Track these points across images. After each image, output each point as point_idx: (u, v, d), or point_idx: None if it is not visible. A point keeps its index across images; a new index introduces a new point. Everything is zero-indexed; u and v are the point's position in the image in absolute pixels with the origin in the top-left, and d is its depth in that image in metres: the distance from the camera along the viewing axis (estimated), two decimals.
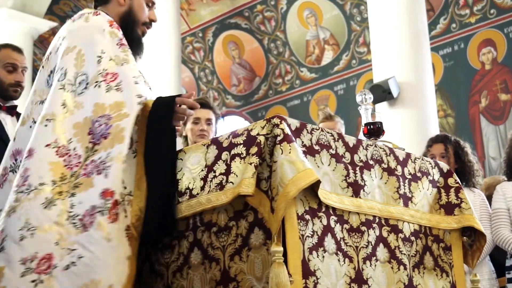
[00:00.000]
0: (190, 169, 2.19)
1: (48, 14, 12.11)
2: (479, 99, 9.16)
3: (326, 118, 4.25)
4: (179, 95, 2.40)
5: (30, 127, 2.45)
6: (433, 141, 3.86)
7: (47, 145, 2.30)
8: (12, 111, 3.18)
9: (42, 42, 13.13)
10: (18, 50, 3.19)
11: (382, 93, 6.48)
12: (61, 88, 2.39)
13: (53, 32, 12.91)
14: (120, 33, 2.51)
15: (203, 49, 12.26)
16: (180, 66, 9.52)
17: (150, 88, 2.53)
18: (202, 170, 2.15)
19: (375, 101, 6.75)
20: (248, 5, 11.46)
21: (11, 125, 3.14)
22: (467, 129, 9.07)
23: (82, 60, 2.44)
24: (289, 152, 1.94)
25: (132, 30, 2.59)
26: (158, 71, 8.85)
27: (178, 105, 2.35)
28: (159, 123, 2.29)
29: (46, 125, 2.34)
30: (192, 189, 2.16)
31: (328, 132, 2.15)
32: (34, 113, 2.49)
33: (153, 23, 2.67)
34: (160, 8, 9.12)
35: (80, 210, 2.15)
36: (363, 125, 2.54)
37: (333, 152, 2.14)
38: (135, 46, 2.60)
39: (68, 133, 2.31)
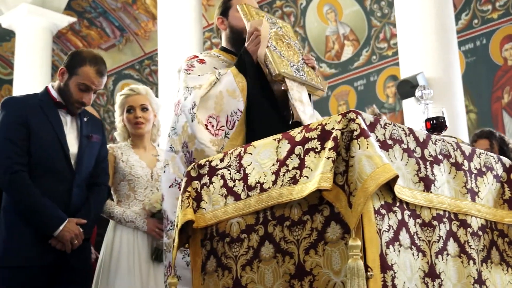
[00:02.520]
0: (260, 164, 2.20)
1: (67, 9, 12.14)
2: (502, 95, 9.14)
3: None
4: None
5: None
6: (478, 136, 3.86)
7: (170, 186, 2.74)
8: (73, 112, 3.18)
9: (59, 37, 13.19)
10: (100, 73, 3.07)
11: (410, 88, 6.47)
12: (168, 137, 2.82)
13: (70, 27, 12.98)
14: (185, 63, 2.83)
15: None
16: None
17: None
18: (274, 165, 2.15)
19: (402, 97, 6.76)
20: (267, 1, 11.47)
21: (70, 125, 3.13)
22: (490, 125, 9.04)
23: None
24: (367, 147, 1.94)
25: (240, 40, 2.82)
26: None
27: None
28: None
29: (164, 171, 2.80)
30: (263, 183, 2.17)
31: (400, 127, 2.15)
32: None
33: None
34: (182, 4, 9.15)
35: None
36: (425, 120, 2.54)
37: (405, 146, 2.14)
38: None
39: (181, 168, 2.68)
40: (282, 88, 2.69)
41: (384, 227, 1.98)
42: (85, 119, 3.18)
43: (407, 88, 6.45)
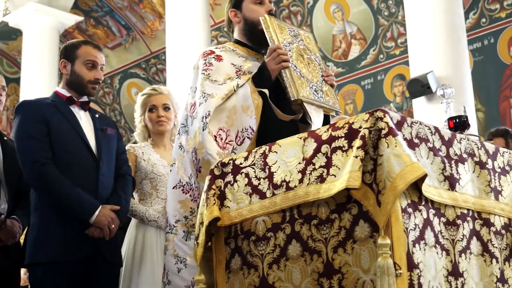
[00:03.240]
0: (286, 162, 2.21)
1: (73, 8, 12.16)
2: (510, 94, 9.14)
3: None
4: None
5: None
6: (494, 135, 3.86)
7: (173, 187, 2.75)
8: (86, 106, 3.21)
9: (66, 36, 13.19)
10: (98, 47, 3.21)
11: (420, 87, 6.48)
12: (178, 133, 2.85)
13: (77, 26, 13.00)
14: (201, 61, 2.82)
15: None
16: None
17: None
18: (300, 163, 2.16)
19: (412, 96, 6.76)
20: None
21: (85, 120, 3.17)
22: (498, 124, 9.02)
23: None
24: (395, 146, 1.95)
25: (256, 33, 2.83)
26: (188, 65, 8.87)
27: None
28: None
29: (171, 170, 2.80)
30: (289, 181, 2.18)
31: (426, 126, 2.16)
32: None
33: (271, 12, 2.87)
34: (190, 3, 9.16)
35: None
36: (448, 119, 2.55)
37: (431, 145, 2.15)
38: (266, 42, 2.77)
39: (187, 170, 2.70)
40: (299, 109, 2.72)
41: (410, 226, 1.99)
42: (97, 115, 3.23)
43: (417, 87, 6.46)
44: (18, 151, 3.04)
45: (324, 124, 2.73)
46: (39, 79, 10.98)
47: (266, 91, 2.65)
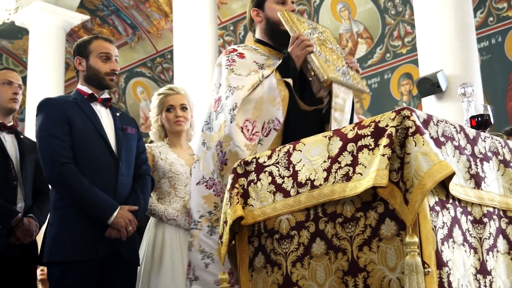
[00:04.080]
0: (311, 161, 2.21)
1: (79, 7, 12.16)
2: None
3: None
4: None
5: None
6: (508, 133, 3.86)
7: (197, 183, 2.74)
8: (107, 103, 3.21)
9: (71, 35, 13.20)
10: (109, 40, 3.25)
11: (430, 86, 6.48)
12: (201, 131, 2.84)
13: (83, 25, 13.00)
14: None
15: (234, 43, 12.26)
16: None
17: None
18: (325, 162, 2.16)
19: (422, 94, 6.76)
20: None
21: (106, 117, 3.17)
22: (505, 123, 9.02)
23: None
24: (423, 144, 1.95)
25: (278, 32, 2.84)
26: (195, 63, 8.88)
27: None
28: None
29: (194, 167, 2.81)
30: (314, 180, 2.17)
31: (451, 124, 2.16)
32: None
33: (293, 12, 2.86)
34: (197, 2, 9.16)
35: None
36: (469, 118, 2.55)
37: (456, 144, 2.15)
38: (288, 42, 2.77)
39: (210, 165, 2.70)
40: (326, 95, 2.69)
41: (438, 224, 1.99)
42: (118, 114, 3.23)
43: (427, 85, 6.45)
44: (39, 150, 3.04)
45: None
46: (46, 78, 10.98)
47: (290, 81, 2.64)
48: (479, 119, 2.51)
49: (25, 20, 11.42)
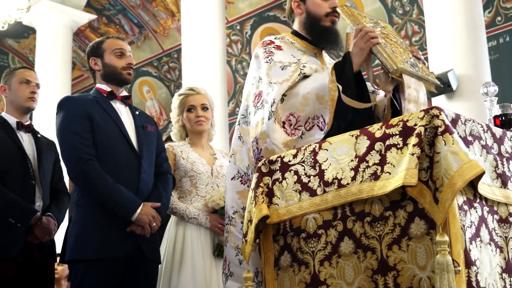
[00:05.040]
0: (337, 160, 2.22)
1: (86, 6, 12.17)
2: None
3: None
4: None
5: None
6: None
7: (232, 178, 2.75)
8: (126, 101, 3.22)
9: (77, 35, 13.21)
10: (121, 38, 3.30)
11: (441, 85, 6.46)
12: (237, 124, 2.84)
13: (89, 24, 13.01)
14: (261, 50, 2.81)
15: (240, 42, 12.28)
16: (225, 58, 9.54)
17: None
18: (352, 161, 2.17)
19: (433, 94, 6.75)
20: None
21: (126, 115, 3.18)
22: None
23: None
24: (452, 143, 1.96)
25: (317, 28, 2.79)
26: (204, 62, 8.89)
27: None
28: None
29: (230, 161, 2.81)
30: (341, 179, 2.18)
31: (478, 123, 2.16)
32: None
33: (335, 8, 2.79)
34: (205, 1, 9.16)
35: None
36: (493, 117, 2.55)
37: (484, 143, 2.15)
38: (327, 39, 2.78)
39: (245, 160, 2.70)
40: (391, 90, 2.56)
41: (467, 223, 1.99)
42: (137, 112, 3.25)
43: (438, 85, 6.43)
44: (61, 148, 3.05)
45: (393, 112, 2.64)
46: (52, 77, 10.97)
47: (340, 87, 2.51)
48: (503, 118, 2.51)
49: (32, 19, 11.42)
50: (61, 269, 5.40)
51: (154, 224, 2.97)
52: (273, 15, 11.75)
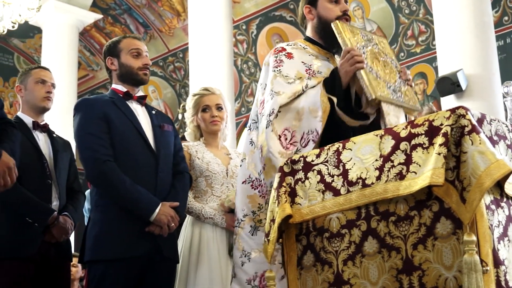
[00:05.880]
0: (362, 159, 2.22)
1: (92, 6, 12.18)
2: None
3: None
4: None
5: None
6: None
7: (243, 182, 2.79)
8: (142, 101, 3.22)
9: (83, 34, 13.22)
10: (137, 38, 3.31)
11: (450, 85, 6.47)
12: (248, 129, 2.88)
13: (94, 24, 13.02)
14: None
15: (246, 42, 12.28)
16: (232, 58, 9.55)
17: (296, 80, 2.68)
18: (377, 160, 2.17)
19: (442, 94, 6.76)
20: None
21: (142, 115, 3.19)
22: None
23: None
24: (479, 143, 1.96)
25: (329, 32, 2.79)
26: (211, 62, 8.89)
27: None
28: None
29: (241, 165, 2.86)
30: (365, 178, 2.18)
31: (503, 123, 2.17)
32: None
33: (346, 11, 2.86)
34: (212, 1, 9.17)
35: None
36: None
37: (508, 142, 2.15)
38: (337, 43, 2.75)
39: (257, 165, 2.73)
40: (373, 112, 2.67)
41: (494, 223, 1.99)
42: (153, 112, 3.25)
43: (447, 85, 6.45)
44: (79, 149, 3.06)
45: None
46: (59, 76, 10.89)
47: (334, 99, 2.61)
48: None
49: (39, 18, 11.42)
50: (75, 271, 5.42)
51: (173, 224, 2.98)
52: (279, 14, 11.75)
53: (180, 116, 11.02)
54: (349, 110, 2.65)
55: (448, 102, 6.61)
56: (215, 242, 3.29)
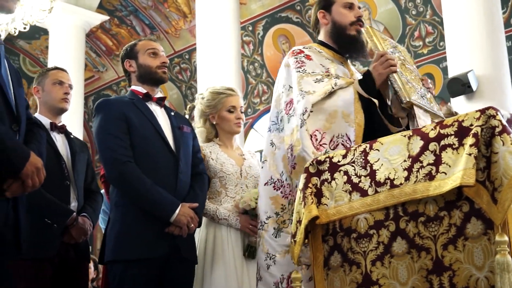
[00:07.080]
0: (389, 160, 2.22)
1: (98, 8, 12.20)
2: None
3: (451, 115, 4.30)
4: None
5: None
6: None
7: (265, 184, 2.79)
8: (162, 102, 3.23)
9: (89, 36, 13.23)
10: (153, 39, 3.33)
11: (461, 86, 6.48)
12: (268, 131, 2.89)
13: (101, 25, 13.03)
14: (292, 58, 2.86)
15: (252, 43, 12.29)
16: (240, 59, 9.56)
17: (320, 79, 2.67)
18: (405, 161, 2.17)
19: (453, 94, 6.76)
20: None
21: (162, 116, 3.20)
22: None
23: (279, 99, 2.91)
24: (511, 144, 1.96)
25: (343, 37, 2.86)
26: (219, 63, 8.90)
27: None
28: None
29: (262, 167, 2.87)
30: (394, 179, 2.18)
31: None
32: None
33: (360, 18, 2.88)
34: (220, 2, 9.19)
35: None
36: None
37: None
38: (353, 47, 2.84)
39: (279, 167, 2.75)
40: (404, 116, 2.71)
41: None
42: (172, 113, 3.26)
43: (458, 85, 6.45)
44: (99, 149, 3.06)
45: None
46: None
47: (376, 101, 2.65)
48: None
49: (46, 20, 11.45)
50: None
51: (192, 225, 2.98)
52: (285, 16, 11.76)
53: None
54: (384, 114, 2.68)
55: (459, 103, 6.61)
56: (229, 243, 3.28)
